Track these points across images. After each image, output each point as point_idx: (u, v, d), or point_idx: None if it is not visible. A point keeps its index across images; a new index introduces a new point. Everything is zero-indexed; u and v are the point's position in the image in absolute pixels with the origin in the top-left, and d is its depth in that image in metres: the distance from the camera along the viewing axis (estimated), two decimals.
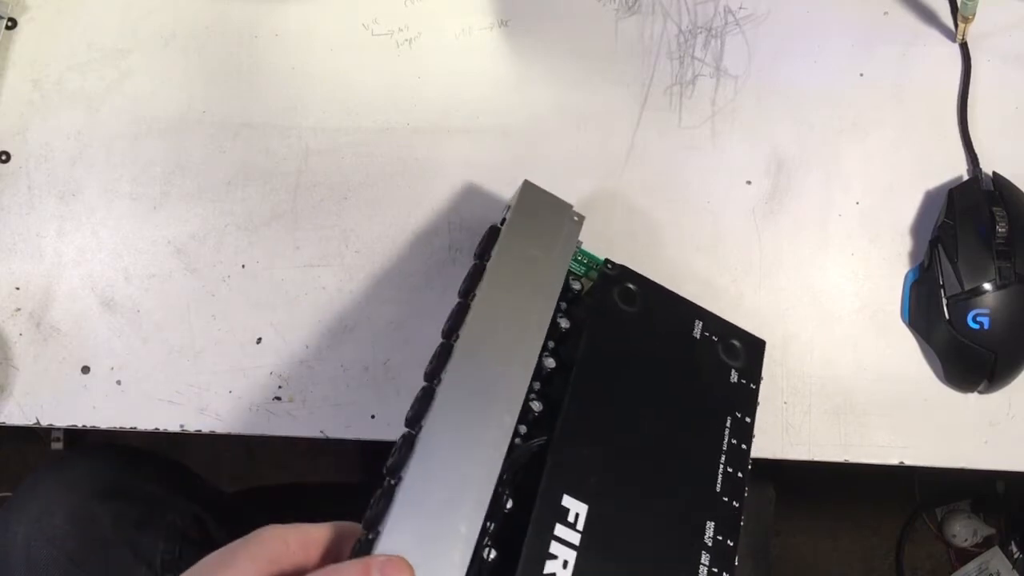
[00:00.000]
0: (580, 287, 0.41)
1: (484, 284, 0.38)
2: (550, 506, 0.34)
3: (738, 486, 0.38)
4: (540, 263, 0.39)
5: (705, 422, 0.39)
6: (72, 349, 0.46)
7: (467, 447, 0.34)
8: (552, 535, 0.34)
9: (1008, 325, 0.43)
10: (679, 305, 0.41)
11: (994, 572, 0.95)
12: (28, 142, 0.49)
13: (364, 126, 0.49)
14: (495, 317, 0.37)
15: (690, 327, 0.40)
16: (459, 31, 0.50)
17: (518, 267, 0.38)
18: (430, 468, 0.33)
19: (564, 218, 0.40)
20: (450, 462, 0.34)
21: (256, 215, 0.48)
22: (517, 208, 0.40)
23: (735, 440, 0.39)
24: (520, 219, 0.40)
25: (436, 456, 0.34)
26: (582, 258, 0.42)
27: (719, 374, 0.40)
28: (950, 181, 0.47)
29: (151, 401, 0.46)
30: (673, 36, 0.49)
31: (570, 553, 0.34)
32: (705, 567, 0.36)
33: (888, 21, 0.49)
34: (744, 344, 0.41)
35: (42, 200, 0.48)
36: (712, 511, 0.37)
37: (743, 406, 0.40)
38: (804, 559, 0.99)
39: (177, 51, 0.50)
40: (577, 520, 0.35)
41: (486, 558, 0.33)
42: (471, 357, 0.36)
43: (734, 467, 0.38)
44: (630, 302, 0.40)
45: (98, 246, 0.48)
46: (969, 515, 0.98)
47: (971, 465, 0.45)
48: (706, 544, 0.36)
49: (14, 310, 0.47)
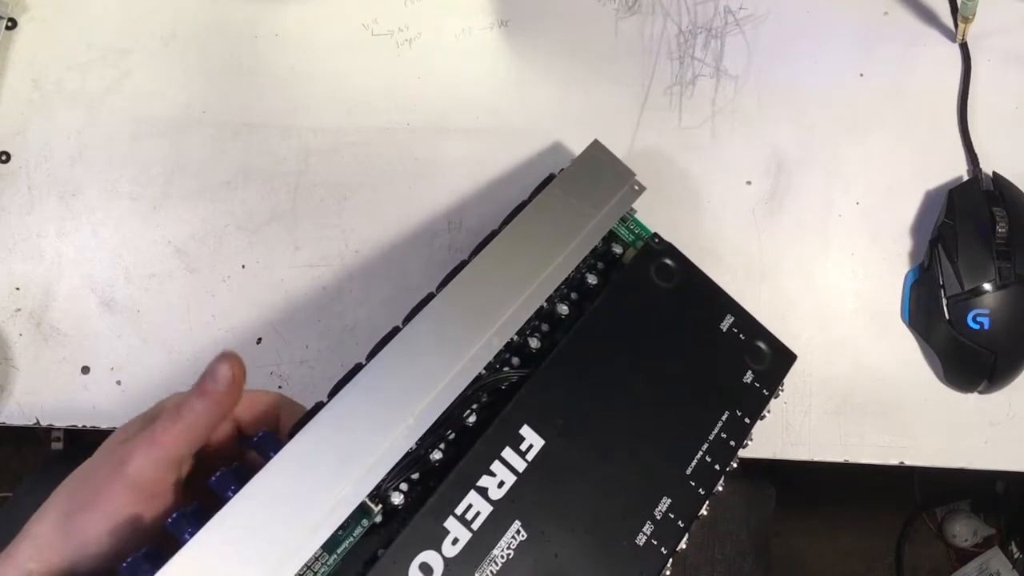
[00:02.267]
0: (622, 253, 0.41)
1: (519, 218, 0.38)
2: (507, 428, 0.35)
3: (711, 477, 0.37)
4: (584, 216, 0.39)
5: (699, 409, 0.38)
6: (72, 349, 0.46)
7: (442, 350, 0.35)
8: (499, 454, 0.34)
9: (1008, 325, 0.43)
10: (715, 296, 0.41)
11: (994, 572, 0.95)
12: (28, 142, 0.49)
13: (364, 126, 0.49)
14: (517, 250, 0.38)
15: (719, 319, 0.40)
16: (459, 31, 0.50)
17: (560, 212, 0.39)
18: (401, 357, 0.34)
19: (623, 183, 0.41)
20: (421, 357, 0.34)
21: (256, 215, 0.48)
22: (578, 160, 0.40)
23: (725, 435, 0.38)
24: (578, 171, 0.40)
25: (409, 348, 0.34)
26: (633, 227, 0.42)
27: (734, 371, 0.40)
28: (950, 181, 0.47)
29: (151, 401, 0.46)
30: (673, 36, 0.49)
31: (510, 476, 0.34)
32: (645, 535, 0.35)
33: (888, 21, 0.49)
34: (773, 351, 0.40)
35: (42, 200, 0.48)
36: (674, 489, 0.37)
37: (748, 407, 0.39)
38: (804, 559, 0.99)
39: (177, 51, 0.50)
40: (528, 451, 0.35)
41: (429, 455, 0.34)
42: (480, 278, 0.37)
43: (714, 458, 0.38)
44: (666, 279, 0.40)
45: (98, 246, 0.48)
46: (969, 515, 0.98)
47: (971, 465, 0.45)
48: (654, 515, 0.36)
49: (14, 310, 0.47)
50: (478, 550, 0.33)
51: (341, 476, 0.31)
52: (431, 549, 0.32)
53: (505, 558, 0.33)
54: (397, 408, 0.33)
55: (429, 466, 0.35)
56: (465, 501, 0.33)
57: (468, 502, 0.33)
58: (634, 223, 0.42)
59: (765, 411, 0.40)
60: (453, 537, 0.33)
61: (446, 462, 0.35)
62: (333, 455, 0.32)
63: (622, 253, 0.41)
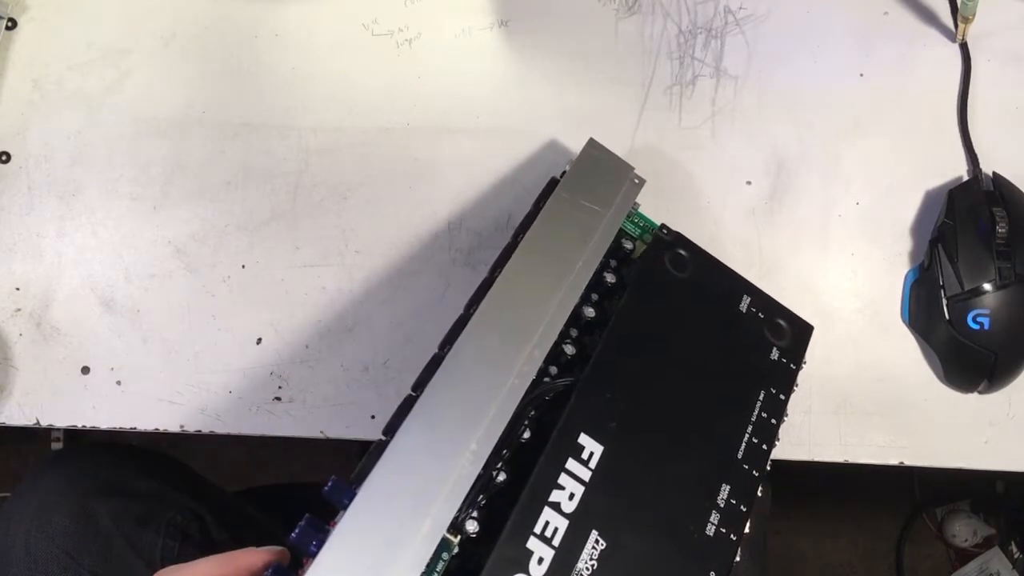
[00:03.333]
0: (632, 248, 0.41)
1: (534, 228, 0.39)
2: (566, 440, 0.35)
3: (761, 457, 0.38)
4: (593, 217, 0.40)
5: (737, 392, 0.39)
6: (72, 349, 0.46)
7: (490, 371, 0.35)
8: (563, 467, 0.35)
9: (1008, 325, 0.43)
10: (729, 279, 0.41)
11: (994, 572, 0.95)
12: (28, 142, 0.49)
13: (364, 126, 0.49)
14: (539, 260, 0.38)
15: (737, 300, 0.41)
16: (459, 31, 0.50)
17: (570, 217, 0.39)
18: (452, 384, 0.35)
19: (624, 178, 0.41)
20: (472, 382, 0.35)
21: (256, 215, 0.48)
22: (578, 162, 0.41)
23: (765, 414, 0.39)
24: (579, 172, 0.41)
25: (458, 375, 0.35)
26: (638, 220, 0.42)
27: (760, 349, 0.40)
28: (950, 181, 0.47)
29: (151, 401, 0.46)
30: (673, 36, 0.49)
31: (578, 487, 0.34)
32: (714, 525, 0.36)
33: (888, 21, 0.49)
34: (791, 325, 0.41)
35: (42, 200, 0.48)
36: (729, 475, 0.37)
37: (779, 383, 0.40)
38: (804, 559, 0.99)
39: (177, 51, 0.50)
40: (591, 459, 0.35)
41: (495, 479, 0.35)
42: (509, 293, 0.37)
43: (759, 439, 0.38)
44: (680, 268, 0.40)
45: (98, 246, 0.48)
46: (969, 515, 0.98)
47: (971, 465, 0.45)
48: (718, 504, 0.36)
49: (14, 310, 0.47)
50: (564, 565, 0.33)
51: (418, 514, 0.32)
52: (520, 572, 0.32)
53: (590, 569, 0.33)
54: (458, 437, 0.34)
55: (495, 489, 0.35)
56: (542, 519, 0.33)
57: (545, 519, 0.33)
58: (638, 217, 0.42)
59: (795, 385, 0.40)
60: (538, 557, 0.33)
61: (511, 482, 0.35)
62: (406, 495, 0.32)
63: (632, 248, 0.41)
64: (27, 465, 0.99)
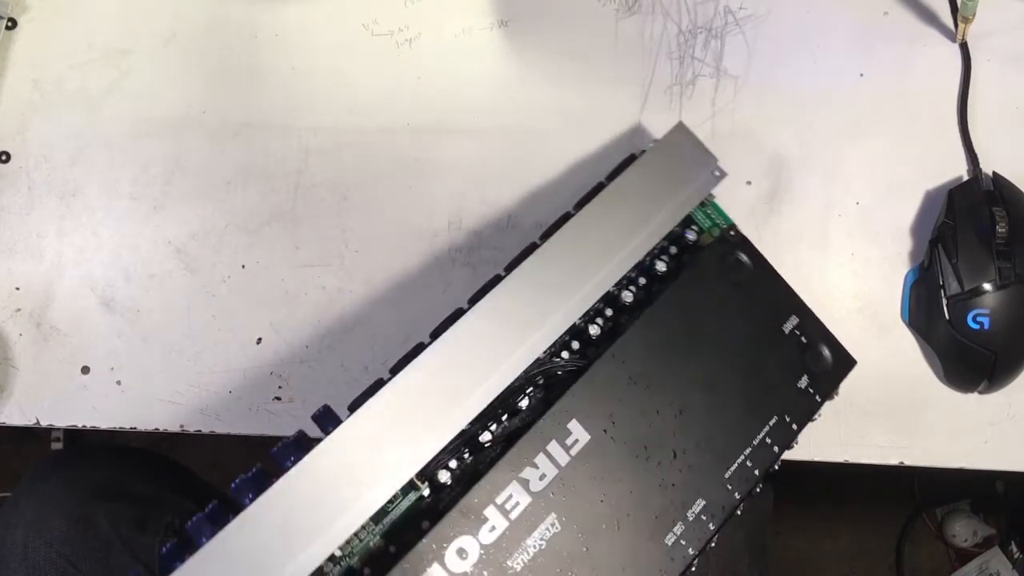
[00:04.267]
0: (696, 239, 0.41)
1: (599, 198, 0.39)
2: (556, 422, 0.36)
3: (748, 480, 0.38)
4: (661, 200, 0.39)
5: (749, 412, 0.38)
6: (72, 349, 0.46)
7: (506, 331, 0.36)
8: (544, 448, 0.35)
9: (1008, 325, 0.43)
10: (783, 296, 0.40)
11: (994, 572, 0.95)
12: (28, 142, 0.49)
13: (364, 126, 0.49)
14: (593, 232, 0.38)
15: (783, 319, 0.40)
16: (459, 31, 0.50)
17: (637, 195, 0.39)
18: (467, 335, 0.35)
19: (703, 167, 0.41)
20: (486, 336, 0.36)
21: (256, 215, 0.48)
22: (660, 143, 0.40)
23: (770, 439, 0.38)
24: (659, 154, 0.40)
25: (477, 327, 0.36)
26: (712, 212, 0.42)
27: (790, 374, 0.39)
28: (950, 181, 0.47)
29: (151, 401, 0.46)
30: (673, 36, 0.49)
31: (552, 470, 0.35)
32: (675, 536, 0.36)
33: (888, 21, 0.49)
34: (833, 356, 0.40)
35: (42, 200, 0.48)
36: (709, 491, 0.37)
37: (798, 413, 0.39)
38: (804, 559, 0.99)
39: (177, 51, 0.50)
40: (574, 445, 0.36)
41: (479, 437, 0.35)
42: (553, 258, 0.37)
43: (754, 462, 0.38)
44: (736, 272, 0.40)
45: (98, 246, 0.48)
46: (969, 515, 0.98)
47: (971, 465, 0.45)
48: (687, 516, 0.36)
49: (14, 310, 0.47)
50: (513, 539, 0.34)
51: (393, 452, 0.33)
52: (469, 535, 0.34)
53: (537, 548, 0.34)
54: (456, 384, 0.35)
55: (478, 446, 0.36)
56: (507, 491, 0.34)
57: (509, 492, 0.34)
58: (713, 209, 0.42)
59: (816, 415, 0.39)
60: (491, 525, 0.34)
61: (491, 448, 0.36)
62: (389, 431, 0.34)
63: (696, 239, 0.41)
64: (27, 465, 0.99)
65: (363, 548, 0.34)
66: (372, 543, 0.34)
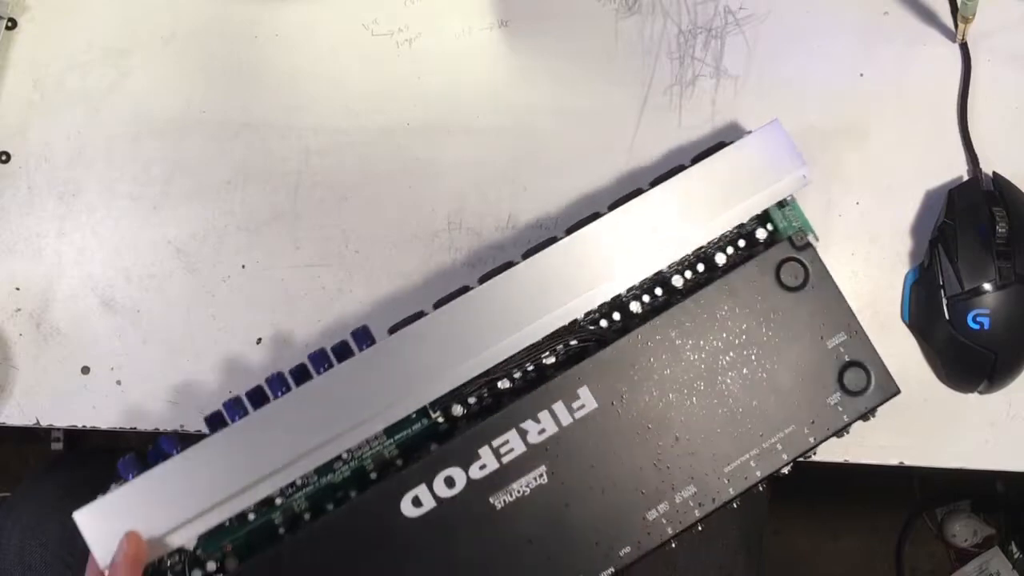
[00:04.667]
0: (767, 238, 0.41)
1: (676, 179, 0.39)
2: (568, 384, 0.37)
3: (747, 479, 0.38)
4: (738, 191, 0.40)
5: (767, 417, 0.38)
6: (72, 349, 0.46)
7: (548, 292, 0.38)
8: (550, 406, 0.37)
9: (1008, 325, 0.43)
10: (838, 312, 0.40)
11: (994, 572, 0.95)
12: (28, 142, 0.49)
13: (364, 126, 0.49)
14: (659, 209, 0.39)
15: (830, 334, 0.39)
16: (459, 31, 0.50)
17: (715, 181, 0.40)
18: (511, 286, 0.38)
19: (789, 168, 0.41)
20: (528, 292, 0.38)
21: (256, 215, 0.48)
22: (752, 137, 0.41)
23: (781, 446, 0.38)
24: (748, 146, 0.40)
25: (523, 279, 0.38)
26: (791, 213, 0.42)
27: (821, 389, 0.39)
28: (950, 181, 0.47)
29: (151, 401, 0.46)
30: (673, 36, 0.49)
31: (552, 427, 0.37)
32: (657, 513, 0.37)
33: (888, 21, 0.49)
34: (876, 382, 0.39)
35: (42, 200, 0.48)
36: (703, 480, 0.37)
37: (818, 428, 0.39)
38: (804, 559, 0.99)
39: (177, 51, 0.50)
40: (579, 409, 0.37)
41: (498, 384, 0.38)
42: (613, 227, 0.39)
43: (758, 464, 0.38)
44: (792, 280, 0.40)
45: (98, 246, 0.48)
46: (969, 515, 0.98)
47: (971, 465, 0.45)
48: (673, 498, 0.37)
49: (14, 310, 0.47)
50: (498, 481, 0.37)
51: (417, 378, 0.37)
52: (459, 467, 0.36)
53: (520, 494, 0.37)
54: (491, 330, 0.37)
55: (496, 390, 0.38)
56: (504, 437, 0.37)
57: (506, 438, 0.37)
58: (793, 210, 0.42)
59: (843, 432, 0.39)
60: (482, 463, 0.37)
61: (507, 392, 0.38)
62: (417, 359, 0.37)
63: (767, 238, 0.41)
64: (27, 465, 0.99)
65: (376, 454, 0.39)
66: (387, 452, 0.39)
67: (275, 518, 0.38)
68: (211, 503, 0.36)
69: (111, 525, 0.36)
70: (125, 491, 0.36)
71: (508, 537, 0.36)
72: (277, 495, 0.38)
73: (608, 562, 0.36)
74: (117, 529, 0.36)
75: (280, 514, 0.38)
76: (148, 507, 0.36)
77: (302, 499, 0.38)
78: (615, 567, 0.37)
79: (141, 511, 0.36)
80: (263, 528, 0.38)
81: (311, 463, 0.37)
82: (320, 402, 0.37)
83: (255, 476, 0.36)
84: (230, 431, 0.37)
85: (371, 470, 0.38)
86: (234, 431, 0.37)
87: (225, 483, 0.36)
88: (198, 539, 0.37)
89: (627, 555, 0.37)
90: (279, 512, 0.38)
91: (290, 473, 0.36)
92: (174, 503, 0.36)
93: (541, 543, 0.36)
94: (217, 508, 0.36)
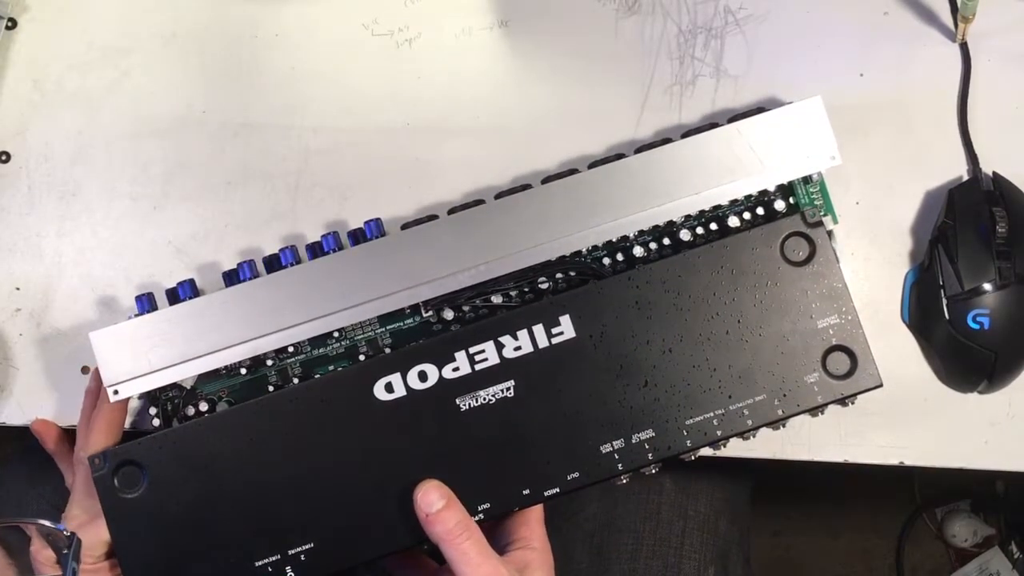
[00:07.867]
0: (785, 211, 0.42)
1: (705, 134, 0.40)
2: (552, 310, 0.39)
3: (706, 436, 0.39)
4: (762, 158, 0.40)
5: (741, 379, 0.39)
6: (72, 349, 0.46)
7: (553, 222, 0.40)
8: (529, 326, 0.39)
9: (1008, 325, 0.43)
10: (835, 295, 0.40)
11: (994, 572, 0.95)
12: (28, 142, 0.49)
13: (364, 126, 0.49)
14: (680, 161, 0.40)
15: (822, 314, 0.40)
16: (459, 31, 0.50)
17: (744, 143, 0.40)
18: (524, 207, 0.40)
19: (820, 146, 0.41)
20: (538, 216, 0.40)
21: (256, 215, 0.48)
22: (787, 109, 0.41)
23: (747, 412, 0.39)
24: (781, 117, 0.41)
25: (534, 204, 0.40)
26: (814, 191, 0.42)
27: (800, 366, 0.39)
28: (950, 181, 0.47)
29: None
30: (673, 36, 0.49)
31: (528, 347, 0.39)
32: (611, 447, 0.38)
33: (888, 21, 0.49)
34: (857, 368, 0.40)
35: (42, 200, 0.48)
36: (662, 427, 0.39)
37: (789, 402, 0.39)
38: (804, 559, 0.99)
39: (177, 51, 0.50)
40: (557, 336, 0.39)
41: (491, 297, 0.40)
42: (635, 170, 0.40)
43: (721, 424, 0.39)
44: (794, 255, 0.40)
45: (98, 246, 0.48)
46: (969, 515, 0.98)
47: (971, 465, 0.45)
48: (630, 438, 0.39)
49: (14, 310, 0.47)
50: (467, 385, 0.39)
51: (415, 276, 0.40)
52: (434, 364, 0.39)
53: (485, 402, 0.39)
54: (494, 246, 0.39)
55: (489, 304, 0.41)
56: (481, 346, 0.39)
57: (482, 347, 0.39)
58: (820, 188, 0.42)
59: (817, 412, 0.40)
60: (455, 366, 0.39)
61: (498, 305, 0.41)
62: (420, 259, 0.40)
63: (784, 211, 0.41)
64: None
65: (370, 338, 0.42)
66: (381, 340, 0.42)
67: (269, 375, 0.42)
68: (213, 348, 0.40)
69: (121, 348, 0.40)
70: (138, 323, 0.40)
71: (466, 438, 0.38)
72: (272, 356, 0.41)
73: (555, 482, 0.38)
74: (126, 353, 0.40)
75: (275, 373, 0.42)
76: (157, 339, 0.40)
77: (296, 364, 0.42)
78: (561, 488, 0.38)
79: (150, 341, 0.39)
80: (257, 383, 0.42)
81: (308, 332, 0.40)
82: (326, 279, 0.40)
83: (256, 332, 0.40)
84: (240, 288, 0.40)
85: (363, 352, 0.42)
86: (243, 288, 0.40)
87: (229, 333, 0.40)
88: (196, 379, 0.41)
89: (574, 480, 0.38)
90: (274, 371, 0.42)
91: (289, 336, 0.40)
92: (181, 341, 0.40)
93: (495, 451, 0.39)
94: (217, 354, 0.40)
